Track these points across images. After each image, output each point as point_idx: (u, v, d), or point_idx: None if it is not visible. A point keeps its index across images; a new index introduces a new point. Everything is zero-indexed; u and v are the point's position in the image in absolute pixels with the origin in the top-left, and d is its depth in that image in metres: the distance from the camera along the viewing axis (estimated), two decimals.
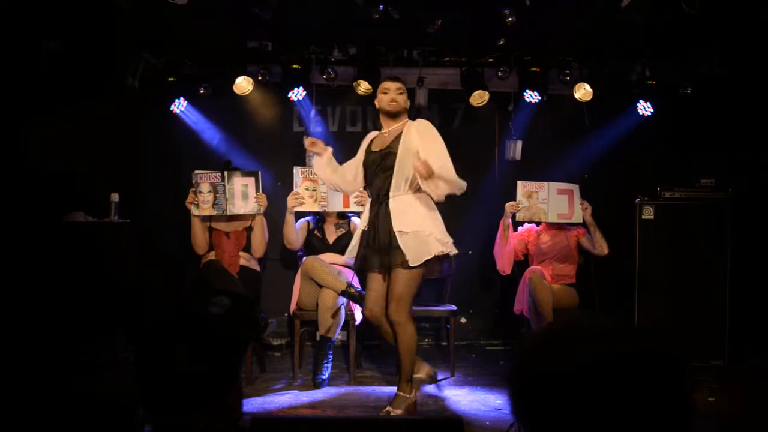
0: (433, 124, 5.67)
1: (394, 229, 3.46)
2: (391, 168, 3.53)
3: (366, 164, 3.67)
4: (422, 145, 3.51)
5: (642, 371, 0.92)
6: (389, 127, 3.67)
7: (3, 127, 4.41)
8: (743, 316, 4.91)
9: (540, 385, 0.95)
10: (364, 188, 3.87)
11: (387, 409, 3.57)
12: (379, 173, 3.58)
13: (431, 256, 3.47)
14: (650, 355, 0.94)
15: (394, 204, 3.51)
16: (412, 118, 3.78)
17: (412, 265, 3.44)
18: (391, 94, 3.63)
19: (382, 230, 3.50)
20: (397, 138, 3.58)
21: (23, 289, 4.39)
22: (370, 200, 3.69)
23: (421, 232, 3.48)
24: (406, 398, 3.57)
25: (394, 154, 3.52)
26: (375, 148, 3.67)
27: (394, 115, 3.65)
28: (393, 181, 3.52)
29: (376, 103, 3.75)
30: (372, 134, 3.81)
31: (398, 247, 3.44)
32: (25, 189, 4.55)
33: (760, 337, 4.95)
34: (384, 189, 3.55)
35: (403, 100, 3.66)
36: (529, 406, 0.97)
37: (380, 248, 3.50)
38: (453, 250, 3.57)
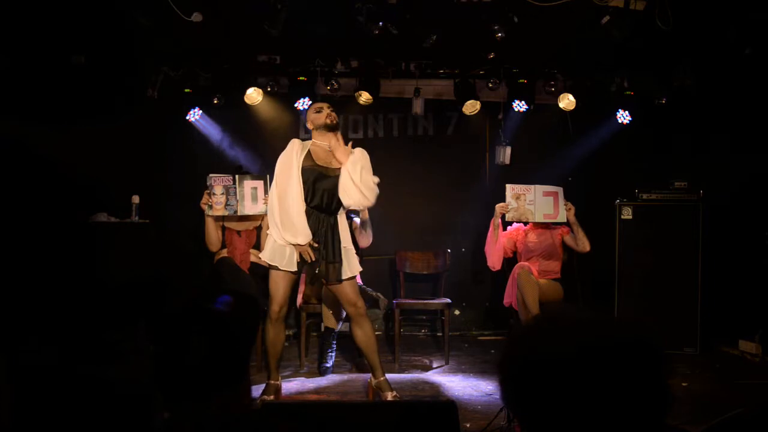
0: (428, 131, 5.79)
1: (343, 245, 3.46)
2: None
3: (322, 178, 3.41)
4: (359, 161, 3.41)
5: (622, 359, 0.92)
6: (328, 141, 3.48)
7: (34, 135, 4.40)
8: (713, 308, 4.91)
9: (527, 373, 0.95)
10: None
11: (394, 395, 3.55)
12: (333, 190, 3.41)
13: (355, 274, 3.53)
14: (630, 344, 0.94)
15: (340, 220, 3.49)
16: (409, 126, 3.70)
17: (346, 277, 3.48)
18: (326, 110, 3.49)
19: (333, 244, 3.44)
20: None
21: (52, 282, 4.38)
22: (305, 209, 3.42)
23: (351, 249, 3.52)
24: (387, 379, 3.61)
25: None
26: (329, 164, 3.45)
27: (333, 128, 3.48)
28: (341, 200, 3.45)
29: (309, 124, 3.53)
30: (300, 144, 3.50)
31: (340, 262, 3.45)
32: (54, 192, 4.55)
33: (728, 327, 4.96)
34: (332, 204, 3.44)
35: (335, 117, 3.52)
36: (517, 392, 0.97)
37: (331, 260, 3.44)
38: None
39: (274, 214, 3.41)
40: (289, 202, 3.37)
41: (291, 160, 3.43)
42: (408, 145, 5.73)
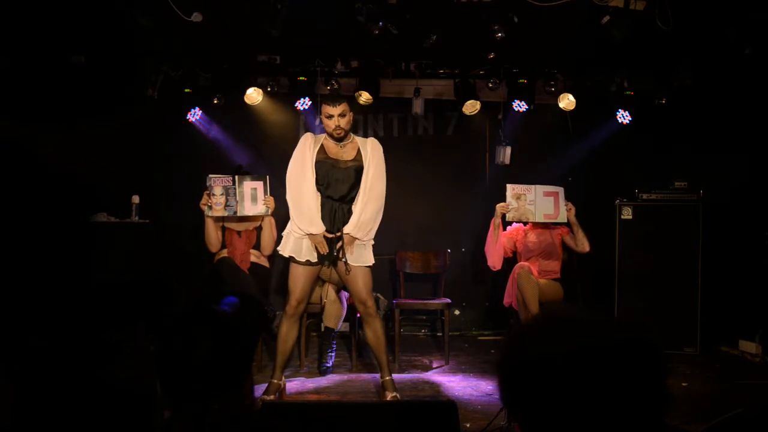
0: (428, 131, 5.79)
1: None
2: (359, 180, 3.52)
3: (334, 170, 3.51)
4: (371, 165, 3.51)
5: (621, 359, 0.92)
6: (341, 142, 3.56)
7: (34, 135, 4.40)
8: (713, 308, 4.91)
9: (525, 373, 0.95)
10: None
11: (393, 395, 3.55)
12: (346, 181, 3.51)
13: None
14: (629, 344, 0.94)
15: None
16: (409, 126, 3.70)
17: (357, 264, 3.52)
18: (335, 120, 3.47)
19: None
20: (358, 153, 3.55)
21: (52, 282, 4.38)
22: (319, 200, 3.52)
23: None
24: (392, 379, 3.62)
25: (362, 168, 3.52)
26: (340, 157, 3.54)
27: (338, 140, 3.55)
28: (357, 190, 3.52)
29: (323, 119, 3.59)
30: (313, 137, 3.61)
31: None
32: (54, 192, 4.55)
33: (728, 327, 4.96)
34: (347, 195, 3.52)
35: (345, 123, 3.48)
36: (516, 392, 0.97)
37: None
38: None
39: (291, 206, 3.53)
40: (304, 193, 3.49)
41: (304, 153, 3.55)
42: (408, 145, 5.73)
